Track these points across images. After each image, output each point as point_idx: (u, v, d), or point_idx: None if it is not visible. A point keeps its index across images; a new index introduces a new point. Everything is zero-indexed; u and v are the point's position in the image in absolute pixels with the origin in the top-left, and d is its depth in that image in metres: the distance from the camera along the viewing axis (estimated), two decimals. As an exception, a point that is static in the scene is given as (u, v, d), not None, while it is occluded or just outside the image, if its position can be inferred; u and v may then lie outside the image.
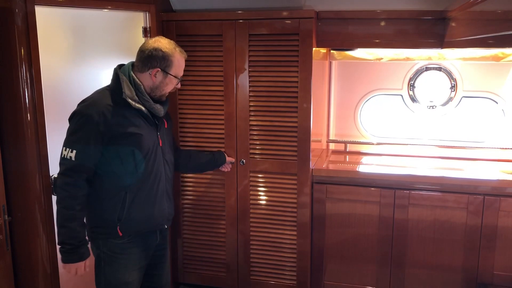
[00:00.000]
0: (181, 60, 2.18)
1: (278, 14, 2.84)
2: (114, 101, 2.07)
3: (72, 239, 2.03)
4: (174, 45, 2.16)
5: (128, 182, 2.11)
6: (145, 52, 2.11)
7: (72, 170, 2.02)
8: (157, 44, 2.11)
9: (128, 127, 2.07)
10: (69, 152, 2.01)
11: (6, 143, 2.25)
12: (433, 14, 2.85)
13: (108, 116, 2.03)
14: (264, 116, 2.97)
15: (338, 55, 3.40)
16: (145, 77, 2.13)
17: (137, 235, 2.20)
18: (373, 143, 3.55)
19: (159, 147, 2.21)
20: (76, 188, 2.03)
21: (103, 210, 2.13)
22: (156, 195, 2.21)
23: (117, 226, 2.12)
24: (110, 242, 2.16)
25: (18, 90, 2.22)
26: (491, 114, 3.38)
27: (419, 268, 2.96)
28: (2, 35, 2.19)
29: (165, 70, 2.13)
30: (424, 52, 3.23)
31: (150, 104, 2.13)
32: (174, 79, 2.18)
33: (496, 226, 2.79)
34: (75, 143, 2.02)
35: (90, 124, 2.01)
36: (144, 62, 2.11)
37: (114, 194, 2.11)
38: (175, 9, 3.09)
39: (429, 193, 2.87)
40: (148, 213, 2.19)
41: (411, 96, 3.48)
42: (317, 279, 3.14)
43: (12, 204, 2.29)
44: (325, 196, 3.01)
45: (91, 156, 2.04)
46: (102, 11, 2.68)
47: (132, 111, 2.10)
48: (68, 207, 2.02)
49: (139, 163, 2.12)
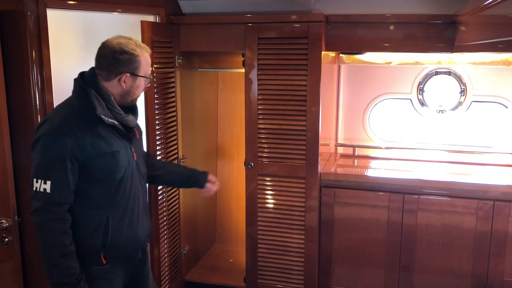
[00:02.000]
0: (147, 57, 1.97)
1: (287, 18, 2.84)
2: (83, 118, 1.85)
3: (69, 277, 1.82)
4: (138, 43, 1.95)
5: (109, 205, 1.92)
6: (107, 57, 1.89)
7: (51, 204, 1.78)
8: (119, 45, 1.89)
9: (103, 146, 1.87)
10: (41, 184, 1.76)
11: (17, 145, 2.27)
12: (443, 18, 2.83)
13: (81, 137, 1.81)
14: (273, 119, 2.97)
15: (347, 59, 3.39)
16: (113, 85, 1.92)
17: (120, 259, 2.02)
18: (381, 147, 3.53)
19: (133, 161, 2.02)
20: (60, 222, 1.80)
21: (84, 237, 1.90)
22: (138, 213, 2.05)
23: (101, 253, 1.93)
24: (92, 268, 1.96)
25: (29, 93, 2.24)
26: (501, 119, 3.36)
27: (427, 274, 2.94)
28: (14, 37, 2.21)
29: (134, 73, 1.92)
30: (434, 56, 3.22)
31: (123, 117, 1.94)
32: (144, 80, 1.99)
33: (506, 232, 2.76)
34: (48, 172, 1.78)
35: (62, 149, 1.78)
36: (109, 69, 1.90)
37: (94, 220, 1.91)
38: (185, 12, 3.10)
39: (438, 198, 2.85)
40: (133, 234, 2.02)
41: (420, 100, 3.46)
42: (324, 283, 3.13)
43: (22, 205, 2.31)
44: (334, 200, 3.00)
45: (68, 184, 1.81)
46: (113, 14, 2.70)
47: (105, 128, 1.89)
48: (57, 244, 1.80)
49: (118, 183, 1.93)
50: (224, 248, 3.87)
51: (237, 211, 3.79)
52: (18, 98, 2.26)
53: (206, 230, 3.80)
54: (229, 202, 3.87)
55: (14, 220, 2.17)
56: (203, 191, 2.51)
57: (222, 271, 3.48)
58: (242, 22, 2.92)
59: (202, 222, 3.68)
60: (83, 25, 2.54)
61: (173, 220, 3.10)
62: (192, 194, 3.41)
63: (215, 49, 3.07)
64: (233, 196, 3.84)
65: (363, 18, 2.95)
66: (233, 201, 3.83)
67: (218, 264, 3.61)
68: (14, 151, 2.23)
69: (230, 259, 3.67)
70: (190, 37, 3.05)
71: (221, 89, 3.77)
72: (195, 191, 3.38)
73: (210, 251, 3.83)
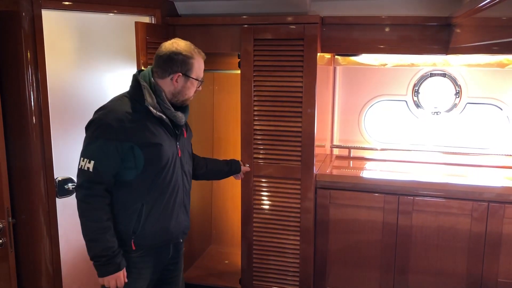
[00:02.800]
0: (201, 61, 2.10)
1: (283, 19, 2.85)
2: (133, 109, 1.98)
3: (106, 251, 1.93)
4: (193, 47, 2.09)
5: (145, 193, 2.02)
6: (163, 57, 2.03)
7: (91, 182, 1.93)
8: (175, 47, 2.04)
9: (148, 136, 1.98)
10: (86, 163, 1.92)
11: (11, 145, 2.25)
12: (438, 20, 2.85)
13: (128, 125, 1.94)
14: (268, 120, 2.98)
15: (342, 61, 3.40)
16: (166, 83, 2.05)
17: (150, 249, 2.10)
18: (377, 149, 3.54)
19: (178, 157, 2.12)
20: (98, 198, 1.94)
21: (117, 222, 2.02)
22: (173, 207, 2.12)
23: (132, 239, 2.03)
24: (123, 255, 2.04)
25: (24, 93, 2.23)
26: (495, 120, 3.37)
27: (422, 275, 2.94)
28: (9, 38, 2.20)
29: (187, 74, 2.05)
30: (429, 58, 3.23)
31: (171, 112, 2.05)
32: (196, 82, 2.10)
33: (501, 233, 2.77)
34: (93, 153, 1.93)
35: (109, 133, 1.93)
36: (164, 68, 2.03)
37: (130, 206, 2.02)
38: (180, 14, 3.10)
39: (433, 199, 2.86)
40: (164, 226, 2.10)
41: (415, 102, 3.48)
42: (320, 284, 3.13)
43: (17, 206, 2.30)
44: (329, 202, 3.01)
45: (110, 166, 1.95)
46: (108, 15, 2.69)
47: (153, 120, 2.01)
48: (94, 219, 1.93)
49: (157, 174, 2.03)
50: (219, 249, 3.87)
51: (233, 213, 3.79)
52: (13, 99, 2.24)
53: (202, 231, 3.79)
54: (224, 204, 3.86)
55: (9, 222, 2.16)
56: (237, 175, 2.86)
57: (218, 273, 3.47)
58: (238, 24, 2.92)
59: (197, 223, 3.67)
60: (79, 26, 2.54)
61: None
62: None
63: (211, 50, 3.06)
64: (228, 198, 3.83)
65: (359, 19, 2.96)
66: (229, 202, 3.83)
67: (214, 265, 3.61)
68: (9, 152, 2.22)
69: (225, 261, 3.67)
70: (186, 38, 3.01)
71: (217, 90, 3.77)
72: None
73: (206, 252, 3.82)
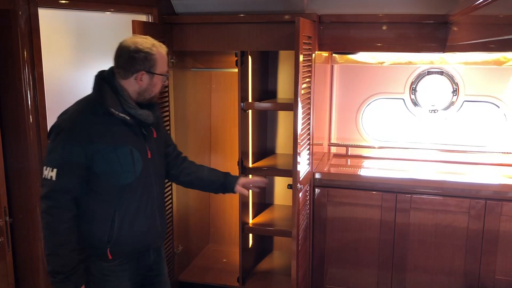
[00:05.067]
0: (163, 55, 1.98)
1: (280, 18, 2.85)
2: (96, 111, 1.89)
3: (64, 267, 1.83)
4: (152, 41, 1.96)
5: (116, 199, 1.93)
6: (123, 57, 1.93)
7: (55, 192, 1.83)
8: (134, 45, 1.91)
9: (112, 139, 1.89)
10: (49, 171, 1.83)
11: (8, 144, 2.25)
12: (434, 18, 2.85)
13: (91, 129, 1.86)
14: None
15: (340, 59, 3.40)
16: (129, 83, 1.94)
17: (128, 256, 2.02)
18: (374, 147, 3.54)
19: (147, 159, 2.01)
20: (61, 211, 1.84)
21: (91, 231, 1.93)
22: (147, 211, 2.02)
23: (107, 248, 1.94)
24: (100, 264, 1.97)
25: (21, 92, 2.22)
26: (493, 118, 3.38)
27: (420, 272, 2.95)
28: (5, 37, 2.19)
29: (150, 71, 1.94)
30: (426, 56, 3.23)
31: (136, 111, 1.94)
32: (161, 78, 2.00)
33: (498, 230, 2.78)
34: (56, 161, 1.84)
35: (71, 139, 1.84)
36: (126, 68, 1.92)
37: (102, 213, 1.93)
38: (178, 12, 3.10)
39: (431, 197, 2.87)
40: (140, 231, 2.00)
41: (413, 100, 3.48)
42: (318, 282, 3.13)
43: (14, 205, 2.29)
44: (327, 200, 3.01)
45: (74, 174, 1.85)
46: (105, 14, 2.69)
47: (117, 122, 1.91)
48: (56, 232, 1.83)
49: (126, 178, 1.93)
50: (217, 248, 3.87)
51: (231, 211, 3.78)
52: (9, 98, 2.24)
53: (200, 230, 3.79)
54: (222, 202, 3.86)
55: (6, 221, 2.16)
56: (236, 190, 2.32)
57: (216, 271, 3.47)
58: (235, 22, 2.92)
59: (195, 222, 3.67)
60: (75, 25, 2.53)
61: (166, 220, 3.09)
62: (185, 194, 3.40)
63: (208, 48, 3.07)
64: (226, 196, 3.82)
65: (356, 18, 2.96)
66: (227, 201, 3.82)
67: (212, 264, 3.60)
68: (6, 151, 2.22)
69: (223, 259, 3.66)
70: (183, 37, 3.04)
71: (214, 89, 3.77)
72: (188, 192, 3.38)
73: (204, 251, 3.82)
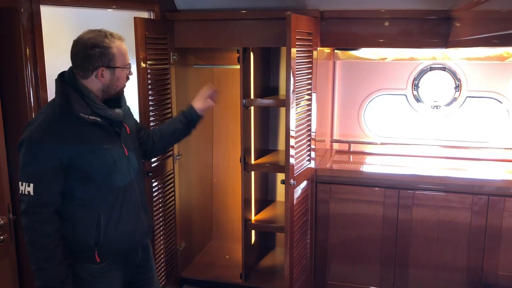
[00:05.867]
0: (121, 46, 1.89)
1: (282, 14, 2.83)
2: (64, 118, 1.82)
3: (52, 281, 1.80)
4: (105, 33, 1.87)
5: (99, 202, 1.89)
6: (79, 56, 1.85)
7: (35, 206, 1.78)
8: (89, 41, 1.83)
9: (87, 144, 1.84)
10: (26, 186, 1.77)
11: (11, 142, 2.25)
12: (437, 13, 2.84)
13: (62, 137, 1.79)
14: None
15: (342, 55, 3.40)
16: (91, 81, 1.87)
17: (116, 257, 1.99)
18: (377, 143, 3.54)
19: (125, 157, 1.97)
20: (45, 225, 1.79)
21: (77, 236, 1.90)
22: (131, 209, 2.00)
23: (95, 251, 1.91)
24: (87, 267, 1.94)
25: (23, 90, 2.23)
26: (495, 114, 3.37)
27: (422, 269, 2.95)
28: (7, 34, 2.20)
29: (110, 65, 1.86)
30: (428, 52, 3.23)
31: (106, 112, 1.88)
32: (124, 70, 1.92)
33: (501, 226, 2.77)
34: (30, 175, 1.78)
35: (43, 151, 1.77)
36: (84, 66, 1.84)
37: (86, 218, 1.89)
38: (179, 9, 3.09)
39: (433, 193, 2.87)
40: (126, 231, 1.98)
41: (415, 96, 3.47)
42: (320, 279, 3.14)
43: (17, 203, 2.28)
44: (329, 196, 3.01)
45: (52, 185, 1.80)
46: (107, 11, 2.69)
47: (87, 125, 1.85)
48: (41, 247, 1.79)
49: (106, 179, 1.89)
50: (220, 244, 3.87)
51: (233, 208, 3.79)
52: (12, 96, 2.24)
53: (202, 227, 3.80)
54: (225, 199, 3.87)
55: (9, 218, 2.16)
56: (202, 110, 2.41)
57: (218, 268, 3.48)
58: (237, 18, 2.92)
59: (198, 219, 3.68)
60: (77, 22, 2.53)
61: (169, 217, 3.10)
62: (188, 191, 3.40)
63: (210, 45, 3.07)
64: (229, 193, 3.84)
65: (358, 14, 2.95)
66: (229, 197, 3.83)
67: (214, 260, 3.61)
68: (8, 148, 2.22)
69: (226, 256, 3.68)
70: (185, 33, 3.04)
71: (216, 86, 3.76)
72: (190, 189, 3.39)
73: (206, 248, 3.83)
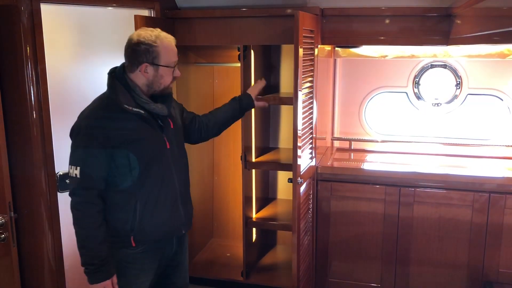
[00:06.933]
0: (168, 46, 1.99)
1: (282, 12, 2.84)
2: (111, 109, 1.95)
3: (94, 259, 1.93)
4: (156, 33, 1.98)
5: (136, 190, 2.00)
6: (128, 50, 1.98)
7: (81, 188, 1.92)
8: (137, 37, 1.96)
9: (129, 134, 1.95)
10: (74, 169, 1.92)
11: (12, 140, 2.26)
12: (438, 11, 2.83)
13: (107, 126, 1.92)
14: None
15: (342, 53, 3.39)
16: (137, 76, 1.98)
17: (151, 244, 2.08)
18: (377, 141, 3.54)
19: (166, 149, 2.07)
20: (88, 206, 1.93)
21: (115, 221, 2.01)
22: (169, 201, 2.08)
23: (131, 236, 2.01)
24: (123, 251, 2.04)
25: (24, 88, 2.23)
26: (496, 111, 3.37)
27: (423, 266, 2.95)
28: (7, 33, 2.20)
29: (154, 62, 1.96)
30: (429, 49, 3.22)
31: (150, 105, 1.99)
32: (169, 69, 2.00)
33: (502, 224, 2.78)
34: (78, 159, 1.92)
35: (90, 137, 1.91)
36: (131, 61, 1.97)
37: (124, 205, 2.00)
38: (180, 7, 3.09)
39: (434, 190, 2.87)
40: (162, 220, 2.06)
41: (416, 93, 3.47)
42: (321, 276, 3.14)
43: (18, 201, 2.30)
44: (330, 194, 3.01)
45: (96, 170, 1.93)
46: (107, 9, 2.68)
47: (132, 117, 1.96)
48: (84, 227, 1.94)
49: (146, 170, 1.99)
50: (221, 242, 3.88)
51: (234, 206, 3.79)
52: (13, 94, 2.24)
53: (203, 224, 3.80)
54: (226, 197, 3.87)
55: (10, 216, 2.16)
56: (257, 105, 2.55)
57: (220, 266, 3.49)
58: (237, 16, 2.91)
59: (199, 216, 3.68)
60: (78, 20, 2.53)
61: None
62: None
63: (210, 43, 3.06)
64: (230, 191, 3.84)
65: (359, 11, 2.95)
66: (230, 195, 3.83)
67: (216, 258, 3.62)
68: (10, 147, 2.22)
69: (227, 254, 3.68)
70: (185, 31, 3.04)
71: (217, 84, 3.77)
72: (191, 187, 3.39)
73: (207, 245, 3.83)
